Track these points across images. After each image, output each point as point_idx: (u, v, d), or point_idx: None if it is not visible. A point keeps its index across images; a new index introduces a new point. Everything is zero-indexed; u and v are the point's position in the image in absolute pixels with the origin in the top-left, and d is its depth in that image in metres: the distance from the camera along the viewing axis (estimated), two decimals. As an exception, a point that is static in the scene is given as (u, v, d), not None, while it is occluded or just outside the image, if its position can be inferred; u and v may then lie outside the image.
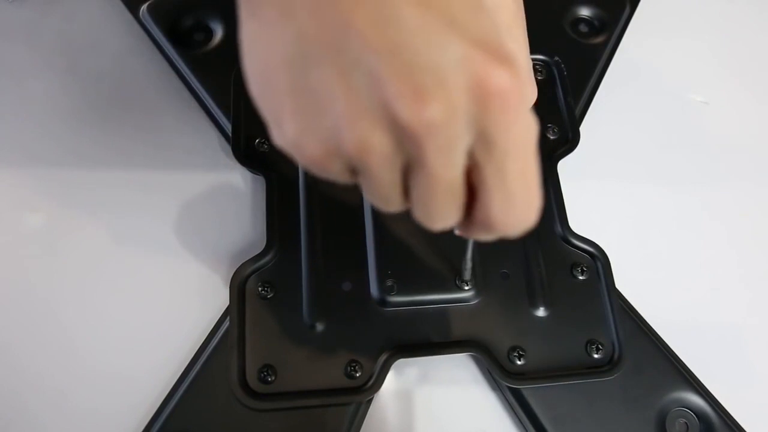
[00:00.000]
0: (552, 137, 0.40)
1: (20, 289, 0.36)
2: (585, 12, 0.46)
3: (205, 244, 0.37)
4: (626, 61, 0.45)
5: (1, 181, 0.38)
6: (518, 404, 0.34)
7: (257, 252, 0.35)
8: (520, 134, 0.19)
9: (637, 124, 0.44)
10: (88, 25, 0.43)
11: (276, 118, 0.20)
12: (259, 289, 0.34)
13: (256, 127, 0.38)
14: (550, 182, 0.38)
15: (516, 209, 0.20)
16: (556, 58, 0.42)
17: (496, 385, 0.35)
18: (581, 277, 0.36)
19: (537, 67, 0.43)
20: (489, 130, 0.18)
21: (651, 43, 0.47)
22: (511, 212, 0.20)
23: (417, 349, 0.34)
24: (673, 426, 0.34)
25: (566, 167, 0.39)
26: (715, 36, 0.48)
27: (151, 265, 0.36)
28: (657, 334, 0.36)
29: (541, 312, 0.35)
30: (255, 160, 0.37)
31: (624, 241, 0.39)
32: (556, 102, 0.41)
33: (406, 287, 0.34)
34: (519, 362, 0.34)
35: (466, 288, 0.35)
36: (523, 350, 0.34)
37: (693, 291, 0.39)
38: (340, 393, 0.32)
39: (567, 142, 0.40)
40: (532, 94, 0.24)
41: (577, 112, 0.42)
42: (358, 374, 0.33)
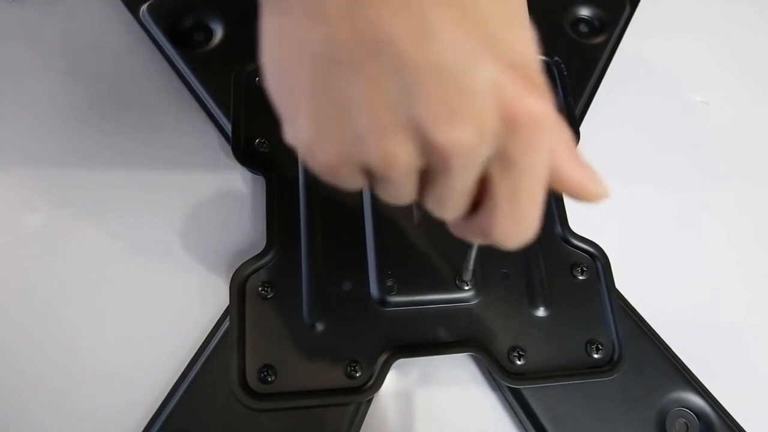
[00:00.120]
0: (552, 137, 0.40)
1: (20, 289, 0.36)
2: (585, 12, 0.46)
3: (205, 244, 0.37)
4: (626, 61, 0.45)
5: (1, 181, 0.38)
6: (518, 404, 0.34)
7: (257, 252, 0.35)
8: (540, 159, 0.19)
9: (637, 124, 0.44)
10: (88, 25, 0.43)
11: (291, 117, 0.19)
12: (259, 289, 0.34)
13: (256, 127, 0.38)
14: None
15: (519, 225, 0.20)
16: (556, 58, 0.42)
17: (496, 385, 0.35)
18: (581, 277, 0.36)
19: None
20: (511, 152, 0.18)
21: (651, 43, 0.47)
22: (514, 227, 0.20)
23: (417, 349, 0.34)
24: (673, 426, 0.34)
25: (566, 167, 0.39)
26: (715, 36, 0.48)
27: (151, 265, 0.36)
28: (657, 334, 0.36)
29: (541, 312, 0.35)
30: (255, 160, 0.37)
31: (624, 241, 0.39)
32: (556, 102, 0.41)
33: (406, 287, 0.34)
34: (519, 362, 0.34)
35: (466, 288, 0.35)
36: (523, 350, 0.34)
37: (693, 291, 0.39)
38: (340, 393, 0.32)
39: (567, 142, 0.40)
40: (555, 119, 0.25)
41: (577, 112, 0.42)
42: (358, 374, 0.33)
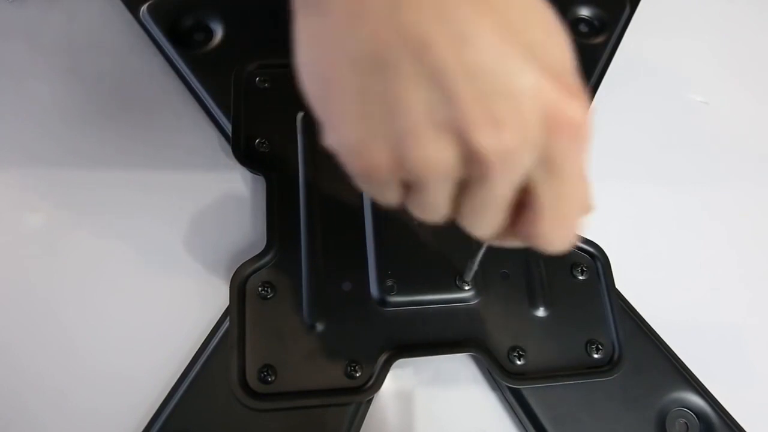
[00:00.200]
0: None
1: (20, 289, 0.36)
2: (585, 12, 0.46)
3: (205, 244, 0.37)
4: (626, 61, 0.45)
5: (1, 181, 0.38)
6: (518, 404, 0.34)
7: (257, 252, 0.35)
8: (581, 162, 0.19)
9: (637, 124, 0.44)
10: (89, 25, 0.43)
11: (335, 120, 0.19)
12: (259, 289, 0.34)
13: (256, 127, 0.38)
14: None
15: (564, 229, 0.20)
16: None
17: (496, 385, 0.35)
18: (581, 277, 0.36)
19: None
20: (554, 157, 0.18)
21: (651, 43, 0.47)
22: (560, 231, 0.20)
23: (417, 349, 0.34)
24: (673, 426, 0.34)
25: (566, 167, 0.39)
26: (715, 36, 0.48)
27: (151, 265, 0.36)
28: (657, 334, 0.36)
29: (541, 312, 0.35)
30: (255, 160, 0.37)
31: (624, 241, 0.39)
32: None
33: (406, 287, 0.34)
34: (519, 362, 0.34)
35: (466, 288, 0.35)
36: (523, 350, 0.34)
37: (693, 291, 0.39)
38: (340, 393, 0.32)
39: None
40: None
41: (577, 112, 0.41)
42: (358, 374, 0.33)
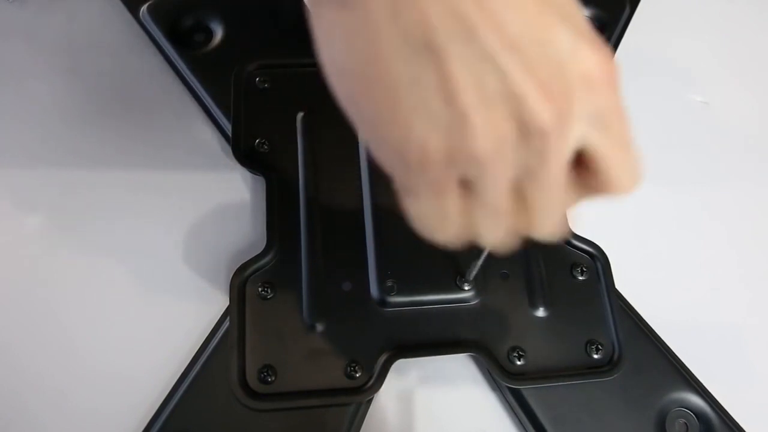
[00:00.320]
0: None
1: (20, 289, 0.36)
2: (585, 12, 0.46)
3: (205, 244, 0.37)
4: (626, 61, 0.44)
5: (1, 181, 0.38)
6: (518, 404, 0.34)
7: (257, 252, 0.35)
8: (623, 105, 0.20)
9: (637, 124, 0.44)
10: (88, 25, 0.43)
11: (385, 115, 0.19)
12: (259, 289, 0.34)
13: (256, 127, 0.38)
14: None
15: (633, 166, 0.22)
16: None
17: (496, 385, 0.35)
18: (581, 278, 0.36)
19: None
20: (602, 112, 0.19)
21: (651, 44, 0.47)
22: (629, 170, 0.22)
23: (417, 350, 0.34)
24: (673, 426, 0.34)
25: (566, 167, 0.39)
26: (715, 36, 0.48)
27: (151, 265, 0.36)
28: (657, 334, 0.36)
29: (541, 312, 0.35)
30: (255, 160, 0.37)
31: (624, 241, 0.39)
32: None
33: (406, 287, 0.34)
34: (519, 362, 0.34)
35: (467, 288, 0.35)
36: (523, 350, 0.34)
37: (693, 291, 0.39)
38: (340, 393, 0.32)
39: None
40: None
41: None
42: (358, 374, 0.33)
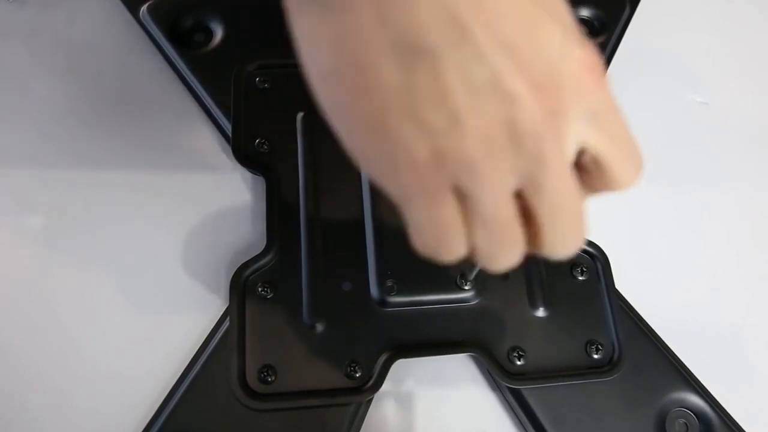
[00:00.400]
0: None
1: (20, 289, 0.36)
2: (585, 12, 0.46)
3: (205, 244, 0.37)
4: (626, 61, 0.45)
5: (1, 181, 0.38)
6: (518, 404, 0.34)
7: (257, 252, 0.35)
8: (614, 100, 0.20)
9: (637, 124, 0.44)
10: (88, 26, 0.43)
11: (375, 123, 0.18)
12: (259, 289, 0.34)
13: (256, 128, 0.38)
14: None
15: (634, 158, 0.22)
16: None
17: (496, 385, 0.35)
18: (581, 278, 0.36)
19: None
20: (596, 109, 0.19)
21: (651, 44, 0.47)
22: (632, 163, 0.22)
23: (417, 350, 0.34)
24: (673, 426, 0.34)
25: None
26: (715, 36, 0.48)
27: (151, 265, 0.36)
28: (657, 334, 0.36)
29: (541, 312, 0.35)
30: (255, 161, 0.37)
31: (624, 241, 0.39)
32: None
33: (406, 287, 0.34)
34: (519, 362, 0.34)
35: (466, 288, 0.35)
36: (523, 350, 0.34)
37: (693, 291, 0.39)
38: (340, 393, 0.32)
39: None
40: None
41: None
42: (358, 374, 0.33)
